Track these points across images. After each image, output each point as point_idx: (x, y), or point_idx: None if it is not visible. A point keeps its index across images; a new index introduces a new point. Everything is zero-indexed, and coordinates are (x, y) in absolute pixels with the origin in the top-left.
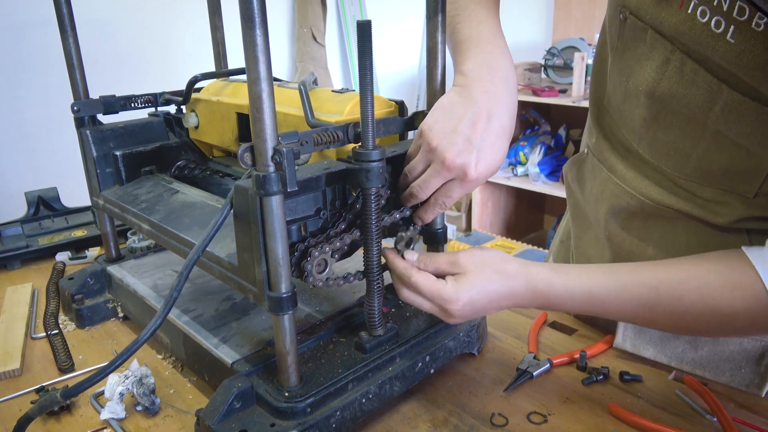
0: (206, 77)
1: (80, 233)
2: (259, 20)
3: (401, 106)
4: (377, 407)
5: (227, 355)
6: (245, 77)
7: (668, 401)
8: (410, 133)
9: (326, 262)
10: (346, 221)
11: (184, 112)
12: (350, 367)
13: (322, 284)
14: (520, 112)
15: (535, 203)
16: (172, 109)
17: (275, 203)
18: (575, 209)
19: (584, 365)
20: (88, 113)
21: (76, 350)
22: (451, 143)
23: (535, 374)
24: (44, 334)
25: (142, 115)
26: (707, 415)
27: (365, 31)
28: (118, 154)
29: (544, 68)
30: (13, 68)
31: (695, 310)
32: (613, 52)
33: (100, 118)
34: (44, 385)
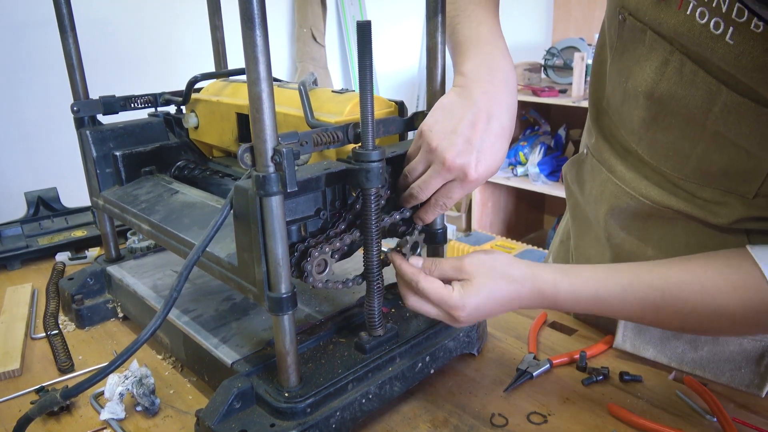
0: (206, 77)
1: (80, 233)
2: (258, 20)
3: (401, 106)
4: (377, 407)
5: (227, 355)
6: (245, 77)
7: (668, 401)
8: (410, 133)
9: (326, 262)
10: (346, 221)
11: (183, 112)
12: (350, 367)
13: (321, 285)
14: (519, 112)
15: (534, 203)
16: (172, 109)
17: (275, 203)
18: (575, 209)
19: (584, 365)
20: (87, 113)
21: (75, 350)
22: (451, 144)
23: (535, 374)
24: (44, 334)
25: (141, 115)
26: (707, 415)
27: (365, 31)
28: (117, 154)
29: (543, 68)
30: (13, 68)
31: (701, 310)
32: (612, 52)
33: (99, 118)
34: (44, 385)
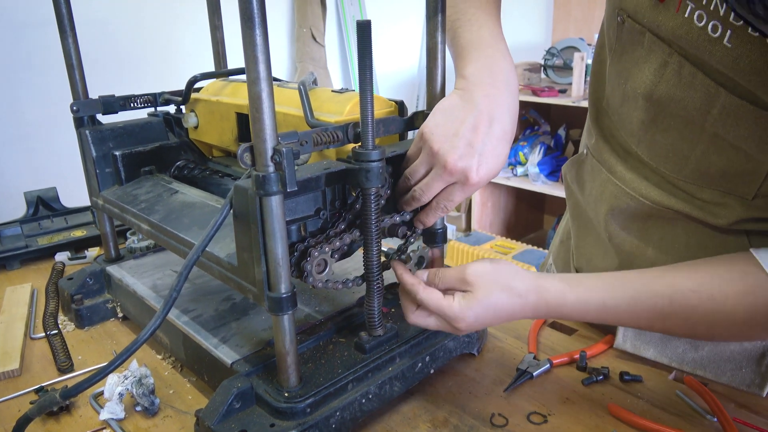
0: (206, 77)
1: (79, 233)
2: (258, 20)
3: (401, 106)
4: (377, 407)
5: (227, 355)
6: (245, 77)
7: (668, 401)
8: (410, 133)
9: (326, 262)
10: (345, 221)
11: (183, 112)
12: (350, 367)
13: (321, 285)
14: (519, 112)
15: (534, 203)
16: (171, 109)
17: (275, 203)
18: (575, 209)
19: (584, 365)
20: (87, 113)
21: (75, 350)
22: (452, 147)
23: (535, 374)
24: (43, 334)
25: (141, 115)
26: (707, 415)
27: (365, 31)
28: (117, 154)
29: (543, 68)
30: (13, 68)
31: (710, 317)
32: (611, 54)
33: (99, 118)
34: (43, 385)
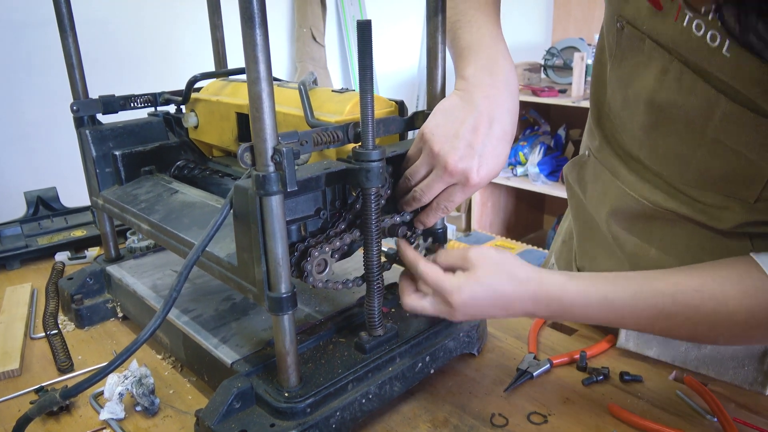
0: (206, 77)
1: (79, 233)
2: (258, 20)
3: (401, 106)
4: (377, 407)
5: (227, 355)
6: (245, 77)
7: (668, 401)
8: (410, 133)
9: (326, 262)
10: (346, 221)
11: (183, 111)
12: (350, 367)
13: (321, 285)
14: (519, 112)
15: (534, 203)
16: (171, 108)
17: (275, 203)
18: (578, 210)
19: (584, 365)
20: (87, 113)
21: (75, 350)
22: (453, 148)
23: (535, 374)
24: (43, 334)
25: (141, 114)
26: (707, 415)
27: (365, 31)
28: (117, 153)
29: (543, 68)
30: (13, 68)
31: (712, 318)
32: (611, 59)
33: (99, 117)
34: (43, 385)
